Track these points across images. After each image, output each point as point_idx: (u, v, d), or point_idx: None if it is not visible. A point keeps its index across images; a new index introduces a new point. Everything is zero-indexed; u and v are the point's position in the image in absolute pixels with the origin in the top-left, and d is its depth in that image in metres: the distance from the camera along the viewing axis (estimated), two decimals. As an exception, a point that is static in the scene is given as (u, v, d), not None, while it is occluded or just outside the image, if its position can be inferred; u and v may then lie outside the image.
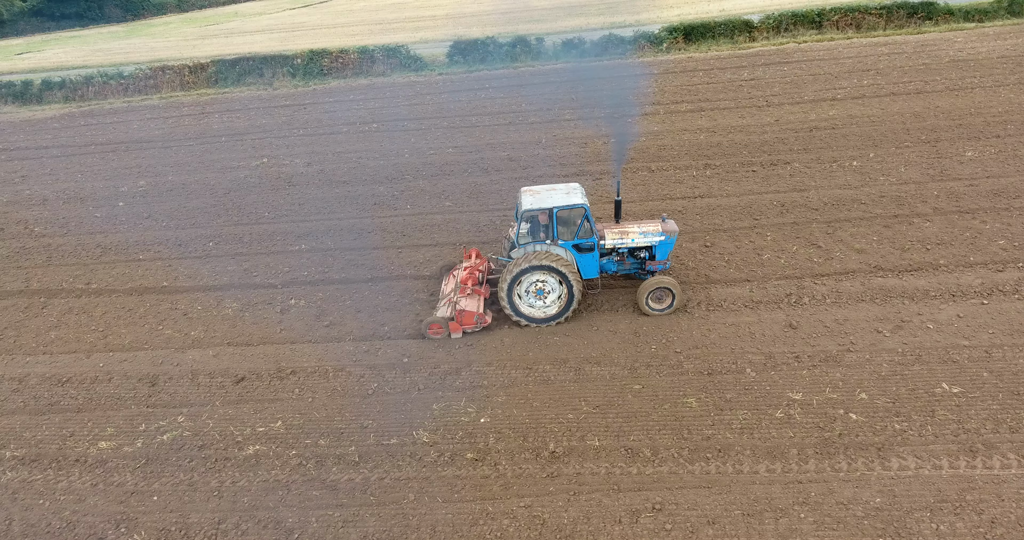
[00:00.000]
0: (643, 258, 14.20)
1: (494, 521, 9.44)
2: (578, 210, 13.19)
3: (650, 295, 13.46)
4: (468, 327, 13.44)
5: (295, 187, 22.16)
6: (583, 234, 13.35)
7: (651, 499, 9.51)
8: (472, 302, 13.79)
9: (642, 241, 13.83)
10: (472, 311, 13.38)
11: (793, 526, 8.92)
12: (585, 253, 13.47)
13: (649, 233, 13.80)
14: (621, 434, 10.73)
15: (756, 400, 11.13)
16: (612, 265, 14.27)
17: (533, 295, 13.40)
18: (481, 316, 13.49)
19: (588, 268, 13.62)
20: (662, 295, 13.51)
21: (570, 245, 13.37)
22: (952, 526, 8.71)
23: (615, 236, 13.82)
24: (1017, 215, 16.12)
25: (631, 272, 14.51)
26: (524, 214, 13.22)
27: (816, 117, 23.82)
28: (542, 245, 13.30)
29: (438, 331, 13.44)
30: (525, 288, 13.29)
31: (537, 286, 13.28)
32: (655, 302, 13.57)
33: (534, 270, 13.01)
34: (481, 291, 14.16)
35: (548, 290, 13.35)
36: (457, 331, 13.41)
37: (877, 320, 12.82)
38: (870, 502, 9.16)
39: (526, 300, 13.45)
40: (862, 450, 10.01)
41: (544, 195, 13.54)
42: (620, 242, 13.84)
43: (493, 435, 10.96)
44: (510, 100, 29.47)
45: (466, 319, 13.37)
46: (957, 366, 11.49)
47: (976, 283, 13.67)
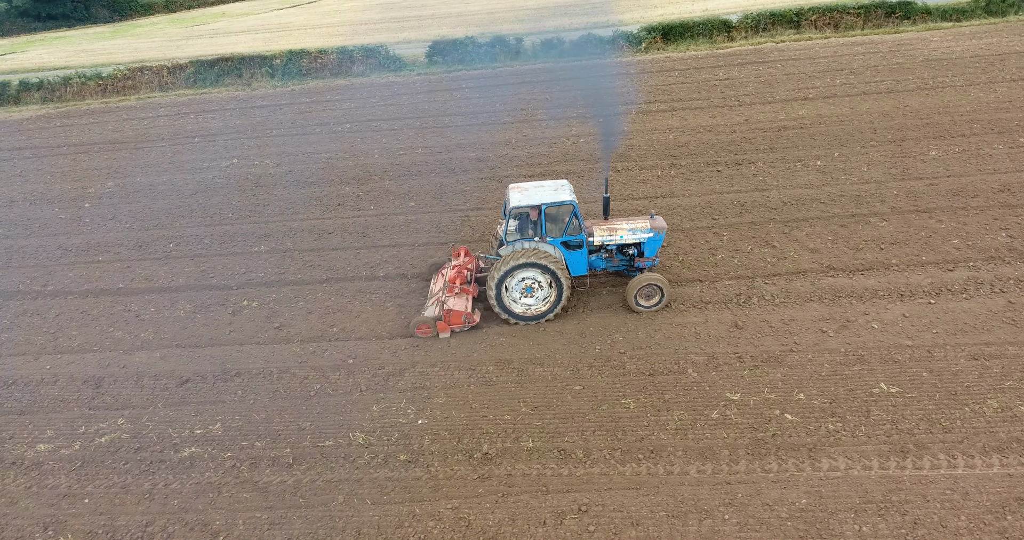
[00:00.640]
0: (632, 255, 14.13)
1: (420, 523, 9.38)
2: (566, 207, 13.10)
3: (639, 292, 13.37)
4: (456, 326, 13.35)
5: (262, 188, 22.08)
6: (572, 231, 13.27)
7: (578, 500, 9.46)
8: (460, 301, 13.71)
9: (630, 238, 13.77)
10: (460, 310, 13.30)
11: (716, 527, 8.87)
12: (574, 250, 13.40)
13: (638, 230, 13.74)
14: (556, 435, 10.68)
15: (694, 401, 11.09)
16: (601, 262, 14.19)
17: (522, 293, 13.32)
18: (469, 315, 13.39)
19: (577, 265, 13.56)
20: (651, 292, 13.43)
21: (558, 242, 13.29)
22: (875, 527, 8.66)
23: (603, 233, 13.76)
24: (974, 214, 16.10)
25: (620, 269, 14.43)
26: (512, 211, 13.11)
27: (786, 117, 23.78)
28: (530, 242, 13.20)
29: (426, 331, 13.34)
30: (514, 286, 13.21)
31: (526, 284, 13.20)
32: (644, 299, 13.49)
33: (523, 268, 12.94)
34: (469, 290, 14.07)
35: (537, 287, 13.26)
36: (445, 331, 13.31)
37: (823, 320, 12.79)
38: (796, 503, 9.11)
39: (515, 298, 13.37)
40: (793, 451, 9.97)
41: (532, 192, 13.45)
42: (609, 239, 13.77)
43: (429, 436, 10.91)
44: (485, 100, 29.41)
45: (454, 318, 13.28)
46: (898, 366, 11.45)
47: (926, 283, 13.64)
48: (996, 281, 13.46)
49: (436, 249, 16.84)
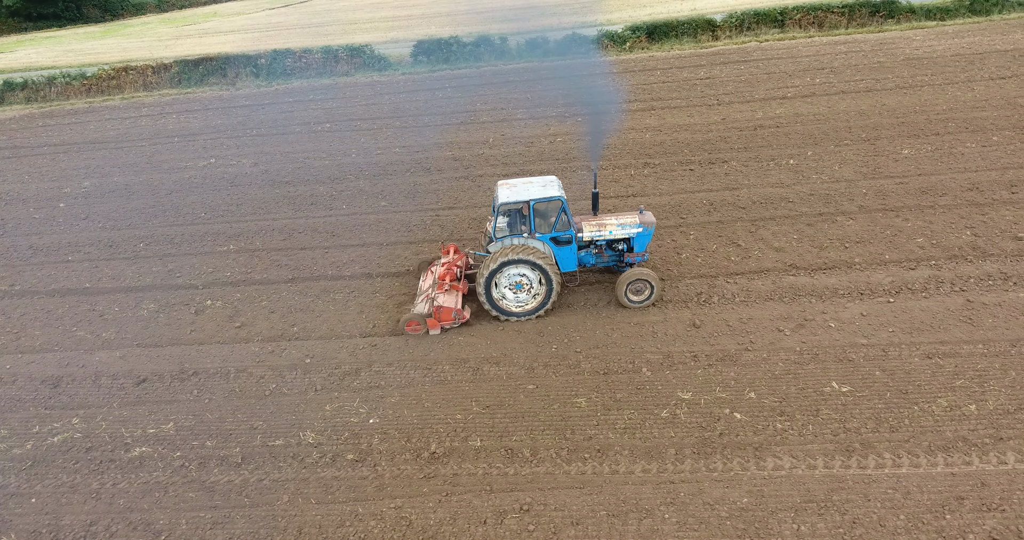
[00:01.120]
0: (621, 250, 14.06)
1: (361, 522, 9.35)
2: (555, 203, 13.03)
3: (628, 287, 13.32)
4: (446, 323, 13.30)
5: (237, 187, 22.06)
6: (561, 227, 13.22)
7: (521, 500, 9.43)
8: (450, 298, 13.67)
9: (620, 233, 13.70)
10: (450, 307, 13.24)
11: (655, 527, 8.84)
12: (563, 246, 13.34)
13: (627, 225, 13.67)
14: (505, 434, 10.64)
15: (645, 400, 11.06)
16: (590, 258, 14.12)
17: (512, 289, 13.26)
18: (459, 312, 13.35)
19: (566, 261, 13.51)
20: (641, 287, 13.37)
21: (547, 238, 13.25)
22: (813, 526, 8.63)
23: (593, 228, 13.70)
24: (941, 213, 16.07)
25: (609, 264, 14.36)
26: (500, 207, 13.04)
27: (763, 116, 23.77)
28: (520, 239, 13.14)
29: (416, 328, 13.28)
30: (504, 282, 13.16)
31: (516, 280, 13.14)
32: (634, 294, 13.43)
33: (512, 264, 12.86)
34: (459, 287, 14.02)
35: (527, 284, 13.20)
36: (435, 327, 13.26)
37: (781, 319, 12.75)
38: (737, 502, 9.08)
39: (505, 294, 13.33)
40: (739, 450, 9.94)
41: (521, 188, 13.39)
42: (598, 234, 13.70)
43: (379, 436, 10.88)
44: (466, 100, 29.40)
45: (444, 315, 13.23)
46: (852, 365, 11.42)
47: (886, 281, 13.61)
48: (957, 280, 13.44)
49: (404, 248, 16.84)
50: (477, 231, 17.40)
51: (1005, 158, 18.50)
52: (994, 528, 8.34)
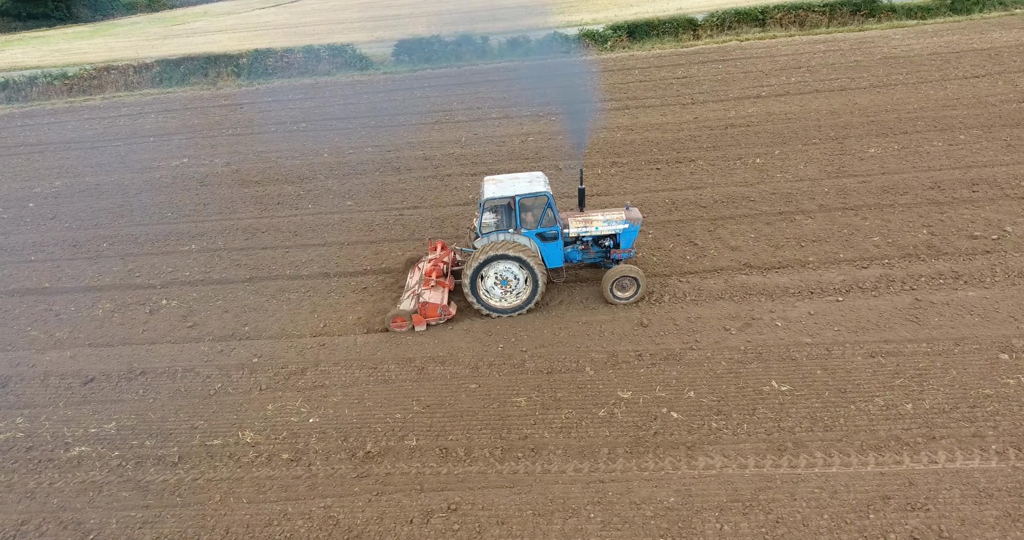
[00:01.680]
0: (607, 246, 14.01)
1: (289, 522, 9.33)
2: (541, 198, 12.97)
3: (614, 284, 13.28)
4: (432, 319, 13.28)
5: (206, 187, 22.04)
6: (546, 222, 13.16)
7: (450, 499, 9.40)
8: (436, 294, 13.62)
9: (606, 229, 13.63)
10: (436, 303, 13.21)
11: (580, 526, 8.81)
12: (549, 241, 13.28)
13: (613, 221, 13.60)
14: (442, 434, 10.62)
15: (585, 399, 11.03)
16: (577, 254, 14.07)
17: (498, 285, 13.20)
18: (445, 308, 13.32)
19: (552, 257, 13.45)
20: (626, 284, 13.32)
21: (533, 234, 13.19)
22: (736, 526, 8.60)
23: (579, 224, 13.63)
24: (899, 211, 16.04)
25: (596, 260, 14.31)
26: (486, 203, 13.00)
27: (735, 115, 23.73)
28: (505, 234, 13.09)
29: (401, 325, 13.25)
30: (490, 278, 13.10)
31: (502, 276, 13.08)
32: (619, 291, 13.39)
33: (498, 260, 12.81)
34: (445, 283, 13.98)
35: (512, 280, 13.14)
36: (421, 324, 13.24)
37: (729, 318, 12.72)
38: (664, 501, 9.05)
39: (491, 290, 13.27)
40: (672, 449, 9.91)
41: (507, 183, 13.34)
42: (584, 230, 13.64)
43: (316, 435, 10.85)
44: (443, 99, 29.38)
45: (429, 311, 13.21)
46: (794, 364, 11.39)
47: (838, 280, 13.58)
48: (908, 278, 13.41)
49: (364, 248, 16.81)
50: (439, 230, 17.39)
51: (970, 157, 18.47)
52: (916, 528, 8.32)
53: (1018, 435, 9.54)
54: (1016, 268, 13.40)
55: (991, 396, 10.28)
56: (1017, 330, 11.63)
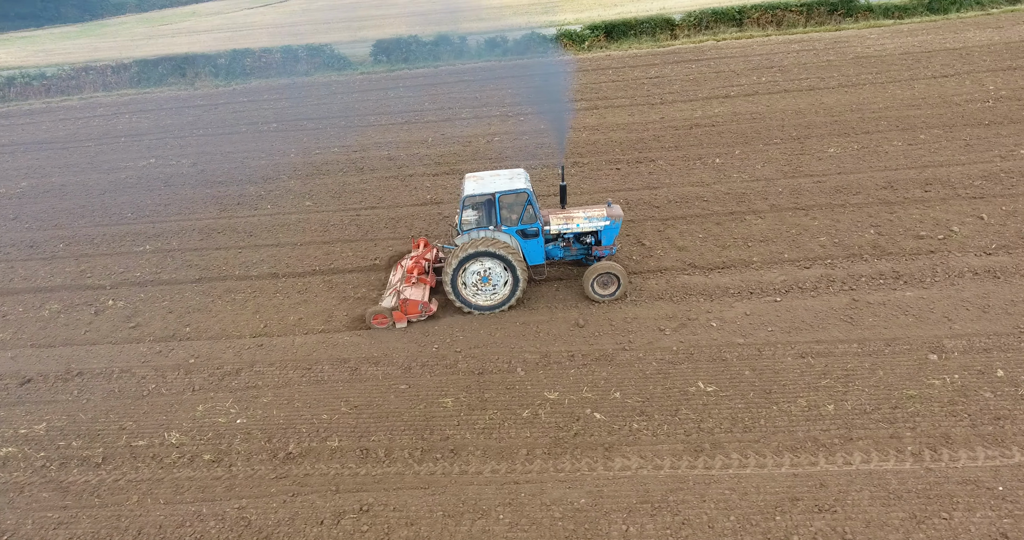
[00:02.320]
0: (589, 243, 13.97)
1: (202, 523, 9.30)
2: (521, 195, 12.94)
3: (595, 280, 13.24)
4: (413, 316, 13.26)
5: (170, 187, 22.04)
6: (527, 219, 13.14)
7: (364, 500, 9.38)
8: (417, 291, 13.61)
9: (587, 226, 13.60)
10: (416, 300, 13.20)
11: (487, 527, 8.79)
12: (530, 239, 13.26)
13: (594, 218, 13.57)
14: (365, 434, 10.60)
15: (511, 400, 11.00)
16: (558, 251, 14.06)
17: (479, 282, 13.17)
18: (426, 305, 13.29)
19: (534, 254, 13.43)
20: (608, 280, 13.29)
21: (514, 231, 13.17)
22: (642, 527, 8.57)
23: (560, 221, 13.60)
24: (850, 211, 16.00)
25: (578, 257, 14.29)
26: (466, 200, 12.97)
27: (702, 115, 23.70)
28: (486, 231, 13.06)
29: (382, 321, 13.23)
30: (470, 275, 13.07)
31: (482, 273, 13.05)
32: (601, 288, 13.36)
33: (478, 257, 12.78)
34: (427, 280, 13.98)
35: (493, 277, 13.11)
36: (402, 321, 13.22)
37: (665, 318, 12.69)
38: (574, 503, 9.02)
39: (471, 287, 13.23)
40: (590, 450, 9.89)
41: (488, 180, 13.33)
42: (565, 227, 13.61)
43: (241, 436, 10.84)
44: (416, 99, 29.37)
45: (410, 308, 13.20)
46: (724, 364, 11.36)
47: (779, 280, 13.54)
48: (848, 278, 13.38)
49: (316, 248, 16.80)
50: (393, 230, 17.39)
51: (927, 156, 18.43)
52: (820, 529, 8.28)
53: (935, 436, 9.52)
54: (957, 268, 13.38)
55: (914, 397, 10.25)
56: (950, 330, 11.61)
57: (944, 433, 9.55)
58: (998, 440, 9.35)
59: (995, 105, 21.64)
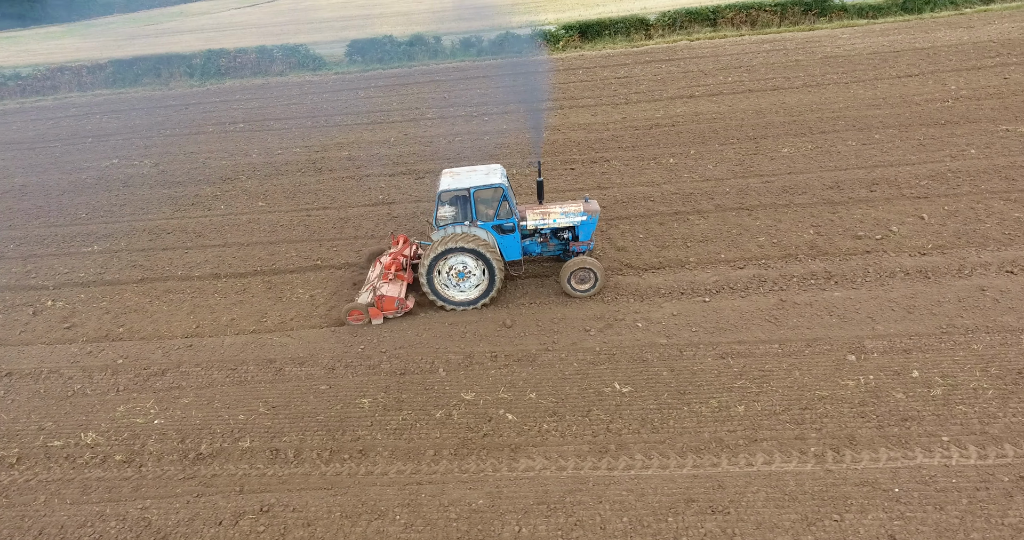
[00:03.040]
0: (567, 239, 13.97)
1: (104, 523, 9.29)
2: (496, 190, 12.91)
3: (572, 276, 13.21)
4: (389, 313, 13.22)
5: (129, 188, 22.05)
6: (503, 215, 13.12)
7: (266, 501, 9.36)
8: (394, 287, 13.58)
9: (564, 221, 13.56)
10: (393, 296, 13.15)
11: (382, 528, 8.77)
12: (507, 234, 13.23)
13: (571, 213, 13.53)
14: (277, 435, 10.58)
15: (427, 400, 10.99)
16: (536, 246, 14.03)
17: (455, 278, 13.14)
18: (402, 301, 13.25)
19: (510, 249, 13.41)
20: (585, 276, 13.25)
21: (490, 226, 13.15)
22: (535, 529, 8.54)
23: (537, 217, 13.58)
24: (793, 211, 15.98)
25: (556, 253, 14.27)
26: (442, 195, 12.95)
27: (663, 114, 23.68)
28: (462, 227, 13.04)
29: (358, 318, 13.19)
30: (446, 271, 13.04)
31: (458, 269, 13.02)
32: (578, 283, 13.32)
33: (453, 252, 12.75)
34: (404, 276, 13.94)
35: (469, 272, 13.07)
36: (378, 317, 13.17)
37: (593, 319, 12.67)
38: (472, 504, 9.00)
39: (448, 283, 13.19)
40: (497, 451, 9.87)
41: (464, 176, 13.30)
42: (542, 223, 13.58)
43: (156, 436, 10.82)
44: (385, 99, 29.38)
45: (386, 304, 13.15)
46: (644, 365, 11.33)
47: (711, 281, 13.52)
48: (780, 279, 13.35)
49: (261, 249, 16.80)
50: (340, 231, 17.38)
51: (878, 156, 18.40)
52: (710, 531, 8.26)
53: (840, 437, 9.49)
54: (889, 268, 13.36)
55: (826, 397, 10.23)
56: (872, 331, 11.58)
57: (849, 434, 9.54)
58: (902, 442, 9.33)
59: (953, 105, 21.61)
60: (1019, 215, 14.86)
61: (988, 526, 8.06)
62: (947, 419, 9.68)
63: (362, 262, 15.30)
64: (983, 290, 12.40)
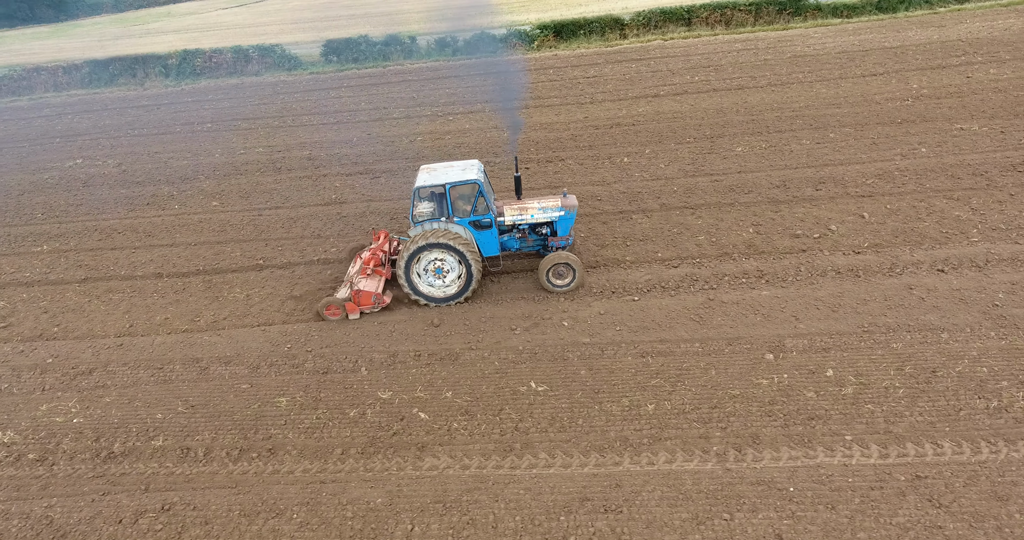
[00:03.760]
0: (545, 235, 13.94)
1: (6, 521, 9.29)
2: (472, 186, 12.89)
3: (550, 271, 13.20)
4: (366, 307, 13.23)
5: (88, 188, 22.07)
6: (480, 210, 13.11)
7: (169, 499, 9.37)
8: (371, 282, 13.58)
9: (541, 217, 13.54)
10: (370, 291, 13.15)
11: (278, 527, 8.77)
12: (484, 230, 13.22)
13: (548, 209, 13.51)
14: (191, 434, 10.60)
15: (343, 399, 11.00)
16: (514, 242, 14.01)
17: (432, 274, 13.14)
18: (379, 296, 13.25)
19: (488, 245, 13.40)
20: (563, 271, 13.24)
21: (467, 222, 13.14)
22: (427, 527, 8.55)
23: (514, 213, 13.57)
24: (736, 210, 15.95)
25: (535, 249, 14.24)
26: (418, 191, 12.96)
27: (625, 114, 23.66)
28: (439, 223, 13.04)
29: (335, 312, 13.22)
30: (423, 267, 13.04)
31: (436, 265, 13.02)
32: (556, 278, 13.31)
33: (430, 248, 12.76)
34: (383, 272, 13.94)
35: (447, 269, 13.07)
36: (355, 312, 13.20)
37: (520, 318, 12.66)
38: (371, 502, 9.00)
39: (425, 279, 13.20)
40: (404, 449, 9.87)
41: (441, 172, 13.31)
42: (519, 218, 13.58)
43: (73, 435, 10.84)
44: (355, 99, 29.39)
45: (363, 299, 13.16)
46: (563, 364, 11.32)
47: (643, 280, 13.51)
48: (712, 278, 13.33)
49: (208, 248, 16.82)
50: (287, 230, 17.39)
51: (830, 155, 18.37)
52: (599, 530, 8.25)
53: (744, 436, 9.48)
54: (821, 267, 13.34)
55: (737, 396, 10.22)
56: (794, 330, 11.57)
57: (754, 433, 9.53)
58: (805, 441, 9.32)
59: (913, 103, 21.57)
60: (959, 213, 14.86)
61: (876, 526, 8.06)
62: (854, 418, 9.68)
63: (343, 257, 15.35)
64: (911, 289, 12.39)
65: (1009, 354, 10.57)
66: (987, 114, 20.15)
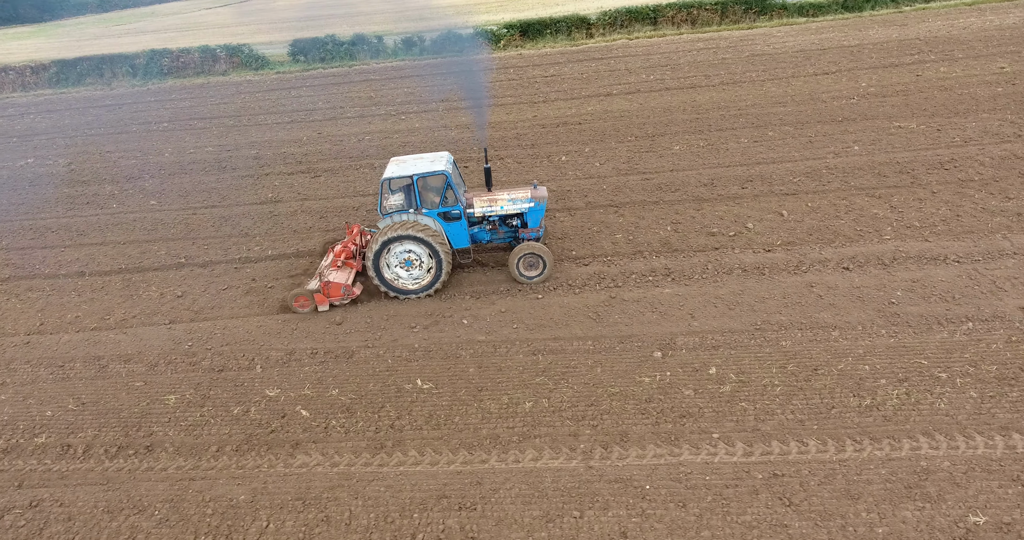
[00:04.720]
0: (515, 226, 13.96)
1: None
2: (439, 177, 12.91)
3: (520, 262, 13.19)
4: (335, 299, 13.26)
5: (34, 187, 22.13)
6: (448, 202, 13.13)
7: (39, 496, 9.39)
8: (342, 274, 13.62)
9: (511, 208, 13.56)
10: (339, 283, 13.17)
11: (138, 524, 8.79)
12: (453, 221, 13.22)
13: (518, 200, 13.52)
14: (75, 431, 10.62)
15: (231, 397, 11.01)
16: (485, 234, 14.02)
17: (402, 266, 13.14)
18: (348, 288, 13.26)
19: (458, 237, 13.39)
20: (533, 262, 13.24)
21: (435, 214, 13.16)
22: (282, 524, 8.57)
23: (484, 204, 13.60)
24: (660, 208, 15.94)
25: (506, 240, 14.26)
26: (387, 183, 12.96)
27: (574, 113, 23.66)
28: (408, 214, 13.07)
29: (304, 304, 13.22)
30: (393, 259, 13.05)
31: (405, 257, 13.03)
32: (527, 269, 13.32)
33: (399, 240, 12.76)
34: (353, 264, 13.99)
35: (416, 260, 13.08)
36: (323, 303, 13.22)
37: (422, 316, 12.68)
38: (234, 499, 9.02)
39: (395, 271, 13.20)
40: (278, 446, 9.89)
41: (409, 164, 13.34)
42: (489, 210, 13.60)
43: (-32, 433, 10.91)
44: (313, 98, 29.43)
45: (332, 291, 13.18)
46: (454, 362, 11.33)
47: (551, 278, 13.50)
48: (619, 276, 13.33)
49: (135, 247, 16.86)
50: (217, 229, 17.42)
51: (763, 153, 18.35)
52: (449, 528, 8.25)
53: (613, 434, 9.48)
54: (728, 265, 13.33)
55: (616, 394, 10.22)
56: (688, 328, 11.56)
57: (624, 431, 9.53)
58: (672, 438, 9.32)
59: (858, 102, 21.54)
60: (877, 211, 14.83)
61: (723, 524, 8.05)
62: (725, 416, 9.67)
63: (317, 251, 15.38)
64: (811, 287, 12.38)
65: (895, 352, 10.57)
66: (928, 112, 20.12)
